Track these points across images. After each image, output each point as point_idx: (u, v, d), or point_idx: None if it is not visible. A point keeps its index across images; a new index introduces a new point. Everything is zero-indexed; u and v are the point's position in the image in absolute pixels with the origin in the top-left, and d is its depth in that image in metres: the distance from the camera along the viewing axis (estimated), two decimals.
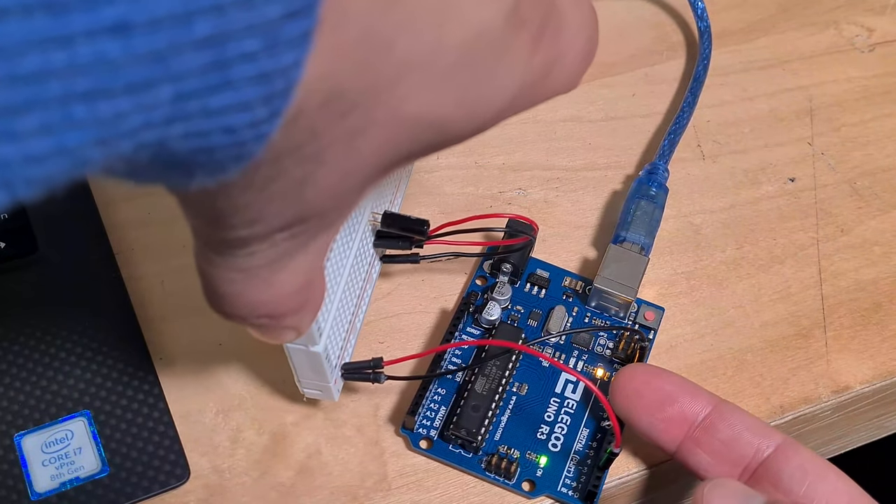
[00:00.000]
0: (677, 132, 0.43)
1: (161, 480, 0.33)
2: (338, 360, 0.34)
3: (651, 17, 0.49)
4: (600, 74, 0.46)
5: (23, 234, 0.38)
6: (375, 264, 0.37)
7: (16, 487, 0.33)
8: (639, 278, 0.38)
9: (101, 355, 0.35)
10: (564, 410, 0.36)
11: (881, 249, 0.42)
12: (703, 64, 0.45)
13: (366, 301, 0.37)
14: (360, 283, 0.36)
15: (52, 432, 0.34)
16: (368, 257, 0.37)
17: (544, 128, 0.44)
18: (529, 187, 0.43)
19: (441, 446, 0.35)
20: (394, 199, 0.39)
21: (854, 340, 0.39)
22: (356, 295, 0.35)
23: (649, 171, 0.41)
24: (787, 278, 0.41)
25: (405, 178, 0.40)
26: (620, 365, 0.37)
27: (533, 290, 0.39)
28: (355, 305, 0.35)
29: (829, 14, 0.50)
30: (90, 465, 0.33)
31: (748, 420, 0.33)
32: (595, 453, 0.35)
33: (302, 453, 0.35)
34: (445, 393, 0.36)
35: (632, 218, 0.40)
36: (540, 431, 0.36)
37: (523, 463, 0.35)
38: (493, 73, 0.22)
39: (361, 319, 0.36)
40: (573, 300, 0.39)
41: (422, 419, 0.35)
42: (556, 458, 0.35)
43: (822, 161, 0.44)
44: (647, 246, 0.39)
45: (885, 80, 0.48)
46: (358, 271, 0.35)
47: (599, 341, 0.38)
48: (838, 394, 0.38)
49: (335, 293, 0.33)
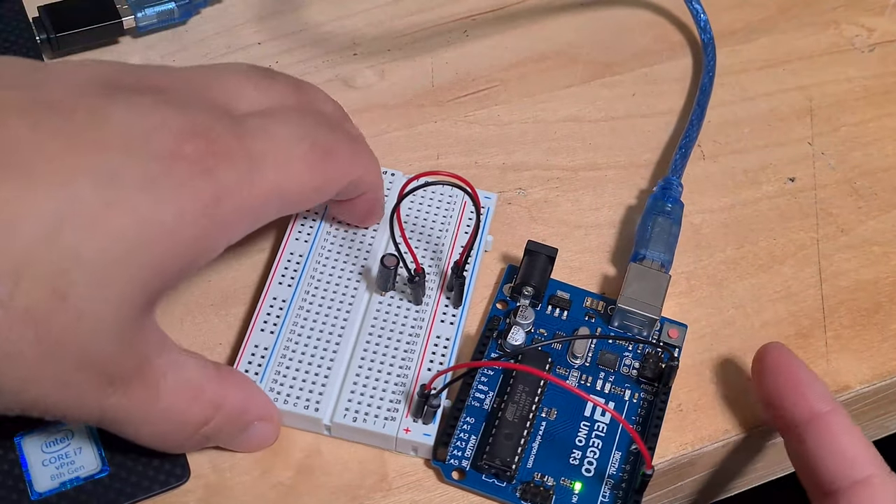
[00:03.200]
0: (688, 145, 0.43)
1: (161, 480, 0.33)
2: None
3: (651, 17, 0.49)
4: (600, 74, 0.46)
5: None
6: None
7: (16, 487, 0.33)
8: (662, 296, 0.37)
9: None
10: (595, 434, 0.36)
11: (881, 249, 0.42)
12: (709, 76, 0.45)
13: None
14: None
15: (52, 432, 0.34)
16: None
17: (544, 128, 0.44)
18: (529, 187, 0.43)
19: (474, 477, 0.34)
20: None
21: (854, 340, 0.39)
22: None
23: (663, 186, 0.41)
24: (787, 278, 0.41)
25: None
26: (648, 385, 0.37)
27: (555, 312, 0.38)
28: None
29: (829, 14, 0.50)
30: (90, 465, 0.33)
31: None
32: (629, 476, 0.35)
33: (302, 453, 0.35)
34: (474, 422, 0.35)
35: (650, 235, 0.39)
36: (572, 457, 0.35)
37: (558, 490, 0.34)
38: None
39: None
40: (596, 320, 0.38)
41: (453, 450, 0.35)
42: (590, 484, 0.34)
43: (822, 161, 0.44)
44: (667, 263, 0.39)
45: (885, 80, 0.48)
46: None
47: (625, 361, 0.37)
48: (838, 394, 0.38)
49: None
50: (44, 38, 0.43)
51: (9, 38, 0.43)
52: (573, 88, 0.46)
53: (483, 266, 0.40)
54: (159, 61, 0.45)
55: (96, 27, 0.44)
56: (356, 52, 0.46)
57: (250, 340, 0.36)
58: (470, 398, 0.36)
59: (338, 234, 0.39)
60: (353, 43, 0.47)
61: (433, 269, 0.38)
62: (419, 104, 0.45)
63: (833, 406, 0.34)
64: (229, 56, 0.45)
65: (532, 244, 0.38)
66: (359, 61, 0.46)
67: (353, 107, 0.44)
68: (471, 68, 0.46)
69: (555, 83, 0.46)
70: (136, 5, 0.45)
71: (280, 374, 0.35)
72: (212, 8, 0.47)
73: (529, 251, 0.38)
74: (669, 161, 0.43)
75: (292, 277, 0.37)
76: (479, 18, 0.48)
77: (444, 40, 0.47)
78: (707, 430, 0.37)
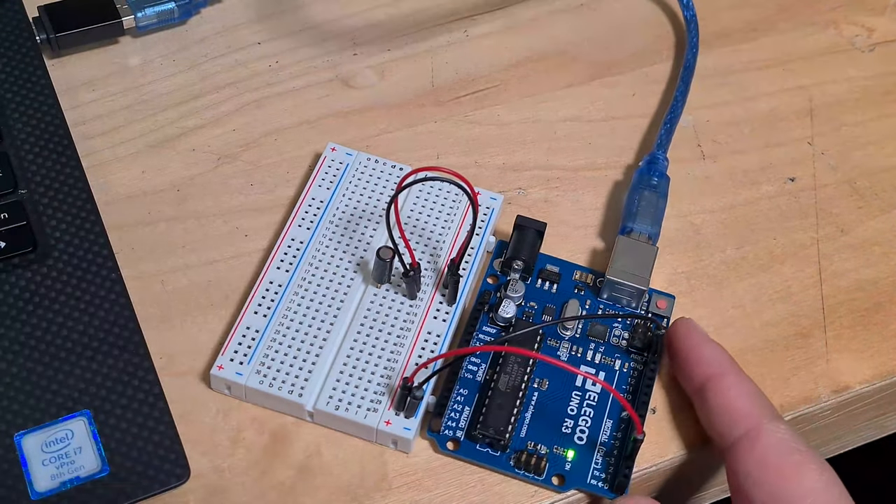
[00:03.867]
0: (673, 121, 0.44)
1: (161, 480, 0.33)
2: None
3: (651, 17, 0.49)
4: (600, 74, 0.46)
5: (22, 233, 0.38)
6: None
7: (16, 487, 0.33)
8: (650, 267, 0.38)
9: (101, 355, 0.35)
10: (587, 403, 0.36)
11: (881, 249, 0.42)
12: (693, 53, 0.46)
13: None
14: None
15: (52, 432, 0.34)
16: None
17: (544, 128, 0.44)
18: (529, 187, 0.43)
19: (468, 447, 0.35)
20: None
21: (854, 340, 0.39)
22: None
23: (649, 161, 0.42)
24: (787, 278, 0.41)
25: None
26: (637, 355, 0.37)
27: (545, 285, 0.39)
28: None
29: (829, 14, 0.50)
30: (90, 464, 0.33)
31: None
32: (621, 443, 0.35)
33: (302, 453, 0.35)
34: (468, 393, 0.36)
35: (637, 209, 0.40)
36: (564, 425, 0.36)
37: (551, 458, 0.35)
38: None
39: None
40: (585, 293, 0.39)
41: (447, 421, 0.35)
42: (582, 451, 0.35)
43: (822, 161, 0.44)
44: (654, 235, 0.40)
45: (885, 80, 0.48)
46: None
47: (615, 332, 0.38)
48: (838, 393, 0.38)
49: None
50: (44, 38, 0.43)
51: (9, 38, 0.43)
52: (573, 88, 0.46)
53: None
54: (159, 61, 0.45)
55: (96, 27, 0.44)
56: (356, 52, 0.46)
57: (242, 322, 0.36)
58: (463, 370, 0.36)
59: (339, 225, 0.39)
60: (353, 43, 0.47)
61: (431, 267, 0.38)
62: (419, 104, 0.45)
63: (724, 368, 0.35)
64: (229, 56, 0.45)
65: (521, 219, 0.39)
66: (359, 61, 0.46)
67: (353, 107, 0.44)
68: (471, 68, 0.46)
69: (555, 83, 0.46)
70: (136, 5, 0.45)
71: (268, 358, 0.36)
72: (212, 8, 0.47)
73: (519, 226, 0.39)
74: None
75: (290, 263, 0.38)
76: (479, 18, 0.48)
77: (444, 40, 0.47)
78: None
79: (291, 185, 0.42)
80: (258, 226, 0.40)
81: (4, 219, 0.38)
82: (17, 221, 0.38)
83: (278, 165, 0.42)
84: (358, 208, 0.40)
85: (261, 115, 0.44)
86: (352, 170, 0.41)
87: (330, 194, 0.40)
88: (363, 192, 0.40)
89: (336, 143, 0.42)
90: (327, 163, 0.41)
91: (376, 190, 0.40)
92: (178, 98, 0.44)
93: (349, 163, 0.41)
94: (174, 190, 0.41)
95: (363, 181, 0.41)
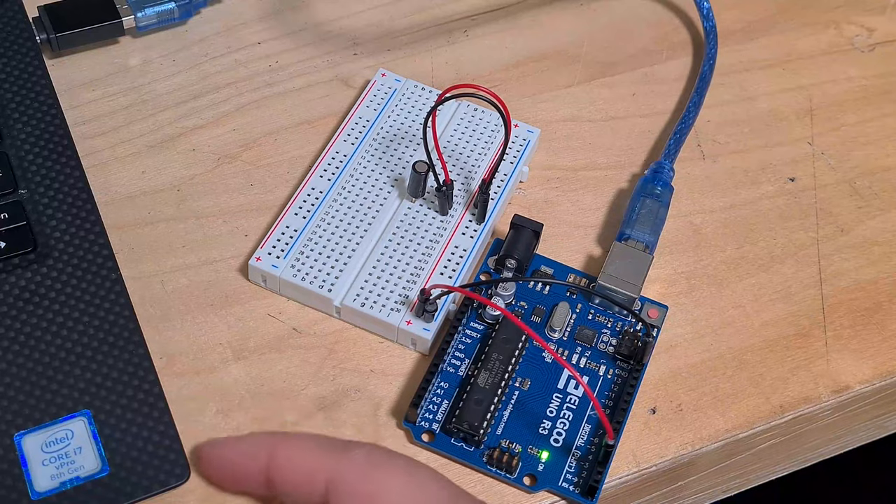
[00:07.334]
0: (683, 131, 0.43)
1: (161, 480, 0.33)
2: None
3: (651, 17, 0.49)
4: (600, 74, 0.46)
5: (22, 233, 0.38)
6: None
7: (16, 487, 0.33)
8: (643, 276, 0.38)
9: (101, 355, 0.35)
10: (567, 406, 0.36)
11: (881, 249, 0.42)
12: (710, 64, 0.46)
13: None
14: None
15: (52, 432, 0.34)
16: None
17: (544, 128, 0.44)
18: (529, 187, 0.43)
19: (443, 440, 0.35)
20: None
21: (854, 340, 0.39)
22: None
23: (655, 169, 0.42)
24: (787, 278, 0.41)
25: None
26: (624, 362, 0.37)
27: (537, 286, 0.39)
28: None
29: (829, 14, 0.50)
30: (90, 464, 0.33)
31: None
32: (597, 449, 0.35)
33: None
34: (448, 387, 0.36)
35: (636, 216, 0.40)
36: (542, 426, 0.36)
37: (525, 457, 0.35)
38: None
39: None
40: (577, 297, 0.39)
41: (424, 412, 0.36)
42: (557, 454, 0.35)
43: (822, 161, 0.44)
44: (651, 244, 0.39)
45: (885, 80, 0.48)
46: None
47: (603, 338, 0.38)
48: (838, 393, 0.38)
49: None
50: (44, 38, 0.43)
51: (9, 38, 0.43)
52: (573, 88, 0.46)
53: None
54: (159, 61, 0.45)
55: (96, 27, 0.44)
56: (356, 52, 0.46)
57: (283, 221, 0.39)
58: (445, 363, 0.37)
59: (382, 143, 0.42)
60: (353, 43, 0.47)
61: (464, 188, 0.40)
62: None
63: (270, 447, 0.32)
64: (229, 56, 0.45)
65: (518, 218, 0.39)
66: (359, 61, 0.46)
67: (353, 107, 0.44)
68: (471, 68, 0.46)
69: (555, 83, 0.46)
70: (136, 5, 0.45)
71: (303, 255, 0.38)
72: (212, 8, 0.47)
73: (515, 225, 0.39)
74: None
75: (333, 173, 0.41)
76: (479, 18, 0.48)
77: (444, 40, 0.47)
78: (707, 430, 0.37)
79: (291, 185, 0.42)
80: (258, 226, 0.40)
81: (4, 219, 0.38)
82: (17, 222, 0.38)
83: (278, 165, 0.42)
84: (401, 130, 0.42)
85: (261, 115, 0.44)
86: (399, 94, 0.43)
87: (376, 115, 0.42)
88: (407, 116, 0.43)
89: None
90: (376, 87, 0.43)
91: (420, 114, 0.43)
92: (177, 98, 0.44)
93: (397, 88, 0.43)
94: (174, 190, 0.41)
95: (409, 106, 0.43)
